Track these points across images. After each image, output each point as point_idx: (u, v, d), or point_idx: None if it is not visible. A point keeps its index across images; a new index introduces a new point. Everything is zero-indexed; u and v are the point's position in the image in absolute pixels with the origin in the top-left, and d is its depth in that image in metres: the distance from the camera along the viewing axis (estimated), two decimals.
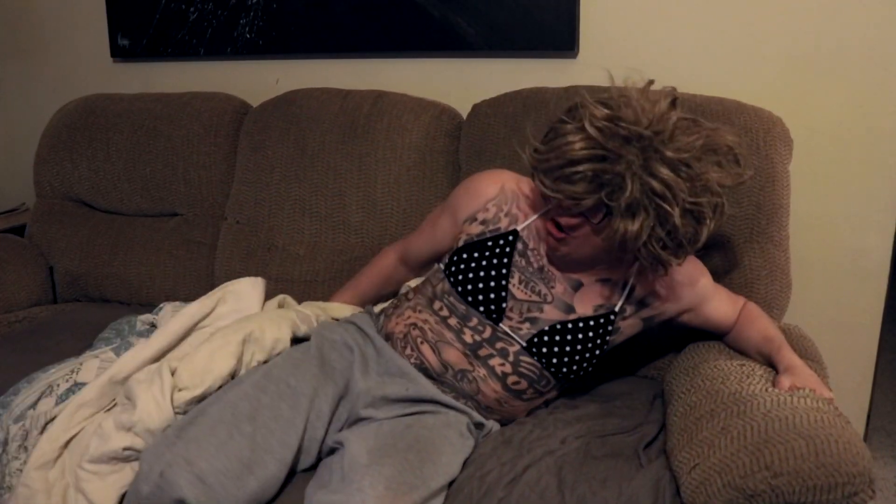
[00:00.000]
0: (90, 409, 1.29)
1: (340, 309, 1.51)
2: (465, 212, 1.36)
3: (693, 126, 1.13)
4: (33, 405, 1.36)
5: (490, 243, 1.29)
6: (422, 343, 1.27)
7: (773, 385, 1.16)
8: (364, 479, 1.04)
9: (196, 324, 1.44)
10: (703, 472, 1.03)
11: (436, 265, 1.38)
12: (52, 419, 1.32)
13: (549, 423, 1.30)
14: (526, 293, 1.26)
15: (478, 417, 1.27)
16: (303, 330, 1.37)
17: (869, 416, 1.80)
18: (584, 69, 1.80)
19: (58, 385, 1.37)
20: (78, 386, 1.36)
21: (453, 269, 1.29)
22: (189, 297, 1.57)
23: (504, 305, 1.25)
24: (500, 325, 1.25)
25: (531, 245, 1.29)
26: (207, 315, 1.46)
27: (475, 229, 1.32)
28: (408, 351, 1.28)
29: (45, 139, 2.06)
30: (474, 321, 1.26)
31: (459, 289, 1.26)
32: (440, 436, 1.19)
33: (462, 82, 1.90)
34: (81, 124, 2.01)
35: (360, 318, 1.38)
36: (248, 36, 2.05)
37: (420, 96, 1.79)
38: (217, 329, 1.37)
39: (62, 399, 1.34)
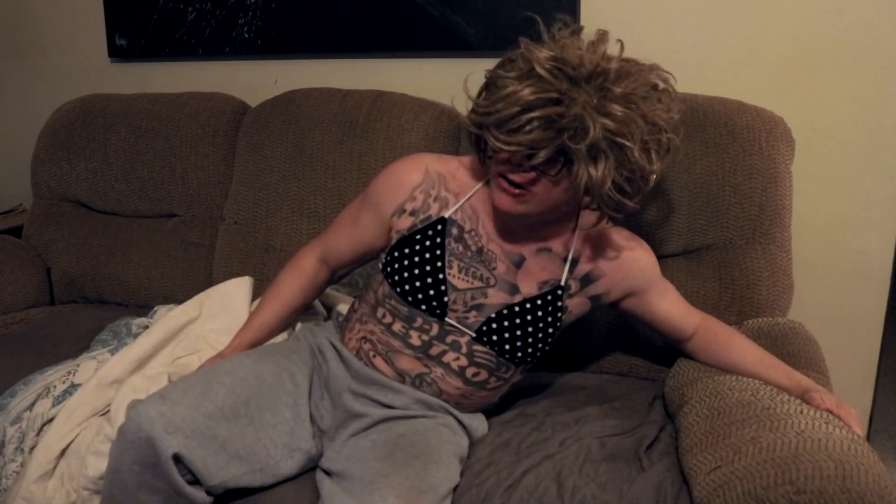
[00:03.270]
0: (83, 414, 1.29)
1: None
2: (391, 205, 1.27)
3: (633, 65, 1.11)
4: (30, 407, 1.36)
5: (419, 236, 1.23)
6: (374, 356, 1.25)
7: (808, 402, 1.14)
8: (374, 495, 1.04)
9: (183, 326, 1.44)
10: (724, 475, 1.02)
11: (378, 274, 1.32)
12: (49, 421, 1.32)
13: (546, 426, 1.30)
14: (467, 281, 1.22)
15: (458, 414, 1.26)
16: None
17: (871, 419, 1.79)
18: None
19: (54, 387, 1.37)
20: (74, 387, 1.36)
21: (389, 269, 1.24)
22: (187, 299, 1.56)
23: (446, 299, 1.21)
24: (447, 319, 1.22)
25: (467, 227, 1.23)
26: (195, 319, 1.46)
27: (405, 223, 1.25)
28: (364, 365, 1.27)
29: (42, 140, 2.05)
30: (419, 321, 1.22)
31: (398, 290, 1.22)
32: (436, 437, 1.18)
33: (462, 82, 1.89)
34: (79, 125, 2.00)
35: (328, 329, 1.37)
36: (246, 36, 2.04)
37: (420, 96, 1.78)
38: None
39: (59, 401, 1.34)
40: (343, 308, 1.43)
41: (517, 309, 1.21)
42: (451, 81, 1.95)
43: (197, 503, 1.13)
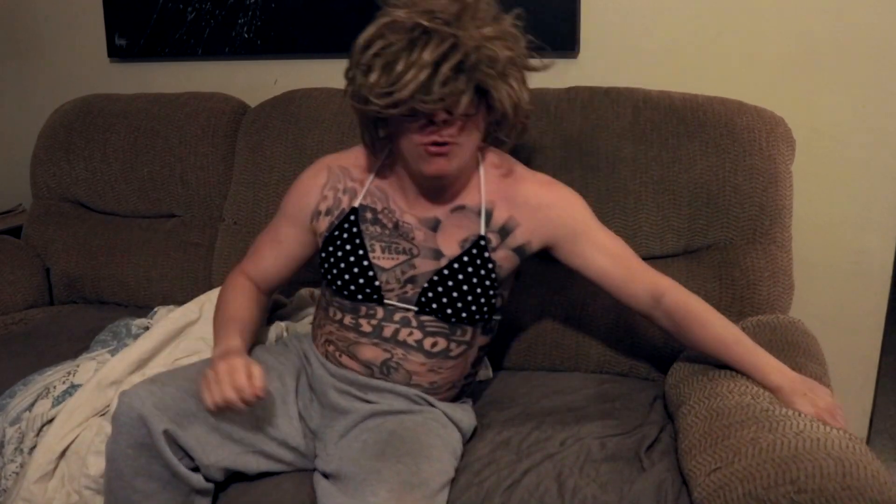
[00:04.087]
0: (83, 414, 1.29)
1: None
2: (307, 211, 1.31)
3: None
4: (29, 408, 1.36)
5: (338, 232, 1.26)
6: (340, 356, 1.27)
7: (790, 407, 1.12)
8: (365, 491, 1.05)
9: (182, 328, 1.44)
10: (724, 476, 1.02)
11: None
12: (49, 421, 1.32)
13: (547, 426, 1.29)
14: (392, 258, 1.24)
15: (443, 407, 1.26)
16: None
17: (871, 419, 1.79)
18: (585, 69, 1.79)
19: (54, 387, 1.37)
20: (74, 388, 1.36)
21: (323, 270, 1.28)
22: (186, 300, 1.56)
23: (377, 283, 1.23)
24: (385, 300, 1.24)
25: (379, 207, 1.26)
26: (195, 321, 1.46)
27: (324, 223, 1.29)
28: (336, 367, 1.28)
29: (41, 140, 2.05)
30: (363, 309, 1.24)
31: (335, 287, 1.25)
32: (426, 431, 1.19)
33: None
34: (78, 125, 2.00)
35: (307, 341, 1.37)
36: (246, 36, 2.04)
37: None
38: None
39: (58, 401, 1.34)
40: None
41: (446, 272, 1.22)
42: None
43: (194, 487, 1.14)
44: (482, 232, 1.24)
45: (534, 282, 1.59)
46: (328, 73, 1.98)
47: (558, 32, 1.77)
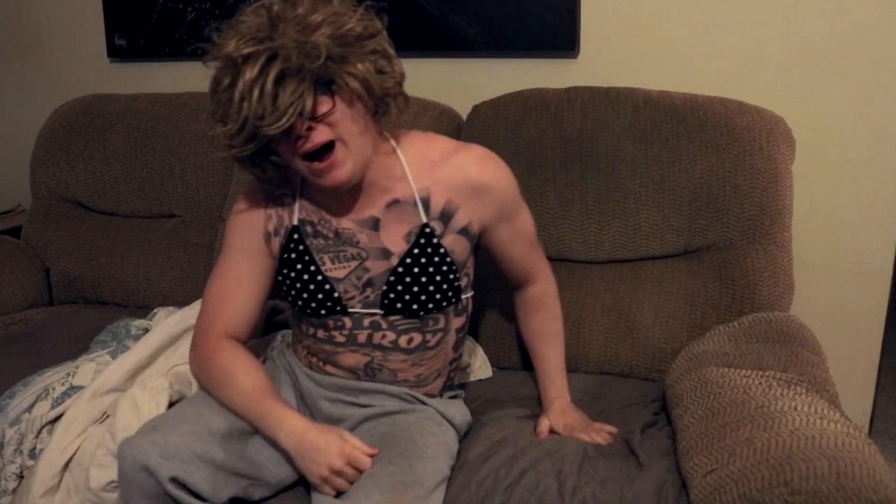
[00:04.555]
0: (80, 425, 1.29)
1: None
2: (258, 236, 1.24)
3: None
4: (29, 409, 1.35)
5: (286, 254, 1.22)
6: (324, 365, 1.26)
7: (535, 427, 1.27)
8: (359, 493, 1.04)
9: (180, 334, 1.44)
10: (719, 478, 1.02)
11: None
12: (48, 423, 1.32)
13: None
14: (344, 266, 1.20)
15: (435, 405, 1.26)
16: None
17: (872, 420, 1.79)
18: (585, 69, 1.79)
19: (53, 388, 1.37)
20: (73, 389, 1.35)
21: (283, 291, 1.24)
22: (186, 300, 1.56)
23: (337, 294, 1.20)
24: (350, 310, 1.21)
25: (315, 219, 1.21)
26: (193, 327, 1.45)
27: (276, 246, 1.24)
28: (322, 375, 1.27)
29: (41, 140, 2.05)
30: (331, 322, 1.22)
31: (297, 306, 1.23)
32: (419, 430, 1.18)
33: (462, 82, 1.89)
34: (78, 125, 2.00)
35: (289, 353, 1.35)
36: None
37: (420, 96, 1.78)
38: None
39: (58, 403, 1.34)
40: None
41: (400, 269, 1.19)
42: (451, 81, 1.96)
43: None
44: (424, 220, 1.20)
45: None
46: None
47: (558, 32, 1.76)
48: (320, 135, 1.06)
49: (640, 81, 1.63)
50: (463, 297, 1.27)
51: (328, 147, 1.07)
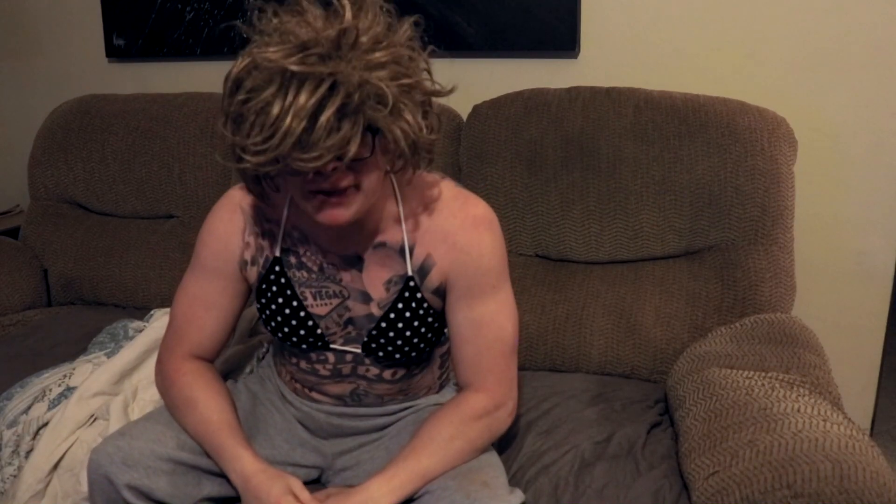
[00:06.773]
0: (67, 429, 1.28)
1: None
2: (232, 261, 1.15)
3: (356, 10, 0.95)
4: (26, 410, 1.35)
5: (265, 285, 1.14)
6: (310, 391, 1.22)
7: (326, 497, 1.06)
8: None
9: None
10: (721, 480, 1.01)
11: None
12: (45, 424, 1.31)
13: (542, 430, 1.29)
14: (326, 303, 1.14)
15: (432, 398, 1.25)
16: None
17: (874, 420, 1.79)
18: (586, 69, 1.79)
19: (50, 390, 1.36)
20: (70, 391, 1.35)
21: (263, 320, 1.17)
22: None
23: (319, 331, 1.14)
24: (332, 346, 1.16)
25: (301, 251, 1.13)
26: None
27: (252, 274, 1.15)
28: (310, 402, 1.24)
29: (39, 140, 2.04)
30: (313, 356, 1.17)
31: (279, 337, 1.17)
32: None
33: (462, 83, 1.87)
34: (76, 125, 1.99)
35: (275, 375, 1.31)
36: (245, 36, 2.03)
37: None
38: None
39: (54, 404, 1.33)
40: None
41: (384, 324, 1.12)
42: (451, 81, 1.95)
43: None
44: (409, 272, 1.11)
45: (534, 282, 1.58)
46: None
47: (558, 32, 1.76)
48: (344, 179, 0.95)
49: (640, 81, 1.63)
50: (445, 332, 1.19)
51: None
